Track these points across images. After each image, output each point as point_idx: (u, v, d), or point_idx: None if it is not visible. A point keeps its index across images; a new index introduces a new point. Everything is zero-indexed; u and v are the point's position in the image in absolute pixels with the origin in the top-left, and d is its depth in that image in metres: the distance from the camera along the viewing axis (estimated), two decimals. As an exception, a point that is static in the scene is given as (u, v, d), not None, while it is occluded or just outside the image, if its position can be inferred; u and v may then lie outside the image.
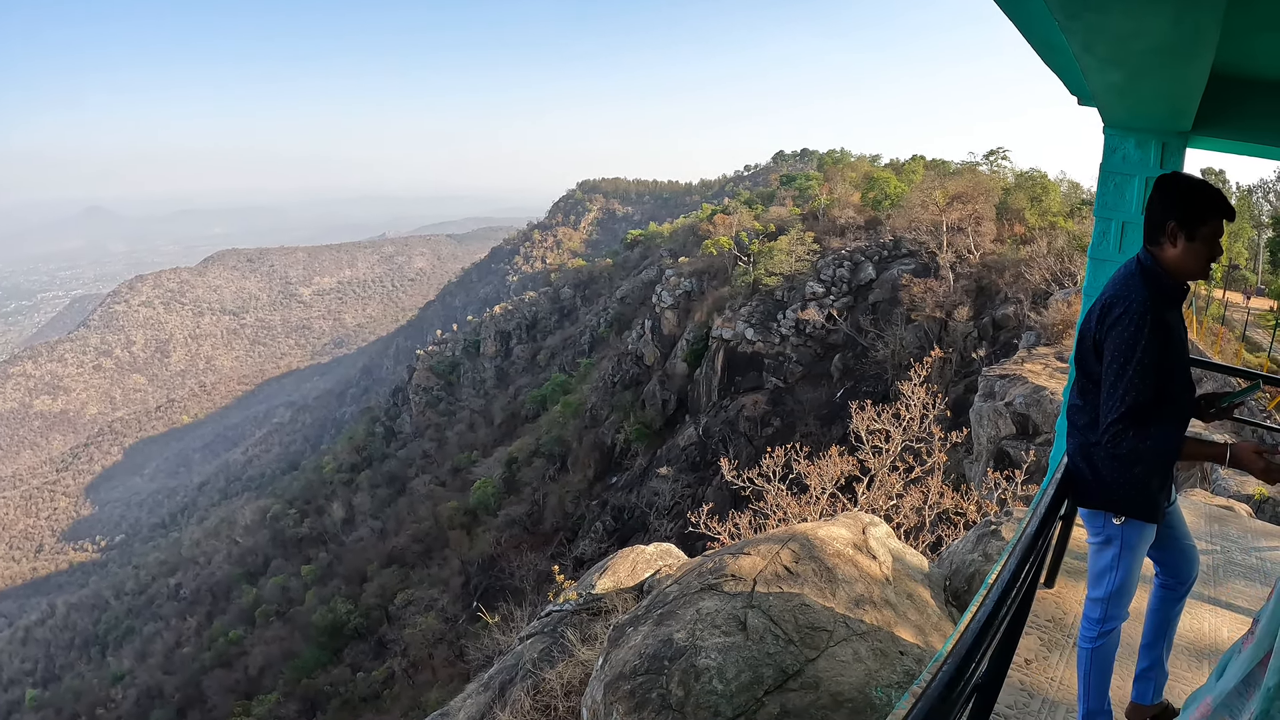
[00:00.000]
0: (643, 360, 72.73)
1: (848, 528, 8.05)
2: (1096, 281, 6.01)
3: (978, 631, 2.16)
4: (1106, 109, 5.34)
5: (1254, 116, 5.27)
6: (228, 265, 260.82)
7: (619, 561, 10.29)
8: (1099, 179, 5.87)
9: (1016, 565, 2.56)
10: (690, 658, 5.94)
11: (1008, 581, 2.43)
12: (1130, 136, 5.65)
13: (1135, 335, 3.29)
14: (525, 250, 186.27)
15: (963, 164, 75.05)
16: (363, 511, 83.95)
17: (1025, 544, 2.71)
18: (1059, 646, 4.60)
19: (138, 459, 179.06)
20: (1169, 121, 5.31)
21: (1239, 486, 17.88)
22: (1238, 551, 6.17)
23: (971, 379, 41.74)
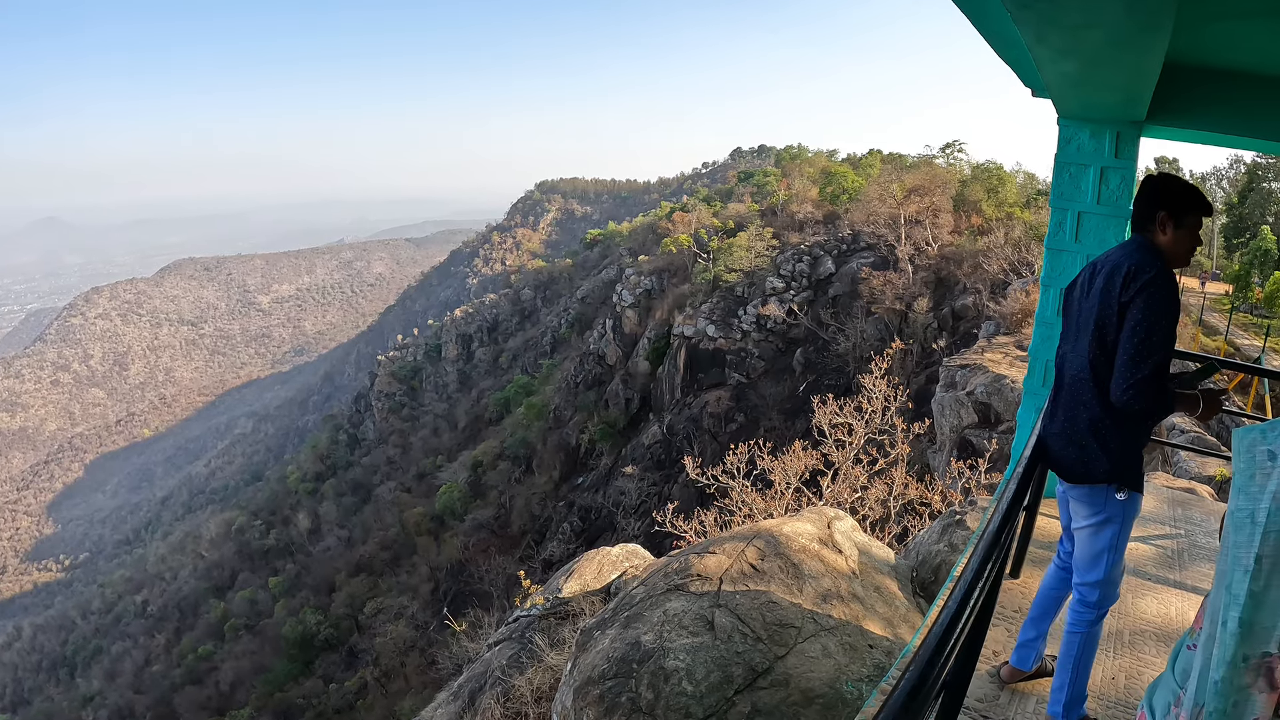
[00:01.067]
0: (605, 360, 72.60)
1: (812, 523, 8.05)
2: (1055, 271, 6.04)
3: (944, 628, 2.14)
4: (1060, 100, 5.36)
5: (1207, 105, 5.31)
6: (185, 275, 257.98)
7: (585, 564, 10.27)
8: (1054, 170, 5.90)
9: (981, 559, 2.55)
10: (659, 660, 5.92)
11: (973, 576, 2.42)
12: (1085, 127, 5.68)
13: (1166, 298, 3.48)
14: (485, 252, 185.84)
15: (919, 157, 75.42)
16: (329, 521, 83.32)
17: (990, 536, 2.70)
18: None
19: (99, 475, 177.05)
20: (1123, 111, 5.34)
21: (1200, 468, 18.05)
22: (1201, 535, 6.20)
23: (933, 370, 41.93)
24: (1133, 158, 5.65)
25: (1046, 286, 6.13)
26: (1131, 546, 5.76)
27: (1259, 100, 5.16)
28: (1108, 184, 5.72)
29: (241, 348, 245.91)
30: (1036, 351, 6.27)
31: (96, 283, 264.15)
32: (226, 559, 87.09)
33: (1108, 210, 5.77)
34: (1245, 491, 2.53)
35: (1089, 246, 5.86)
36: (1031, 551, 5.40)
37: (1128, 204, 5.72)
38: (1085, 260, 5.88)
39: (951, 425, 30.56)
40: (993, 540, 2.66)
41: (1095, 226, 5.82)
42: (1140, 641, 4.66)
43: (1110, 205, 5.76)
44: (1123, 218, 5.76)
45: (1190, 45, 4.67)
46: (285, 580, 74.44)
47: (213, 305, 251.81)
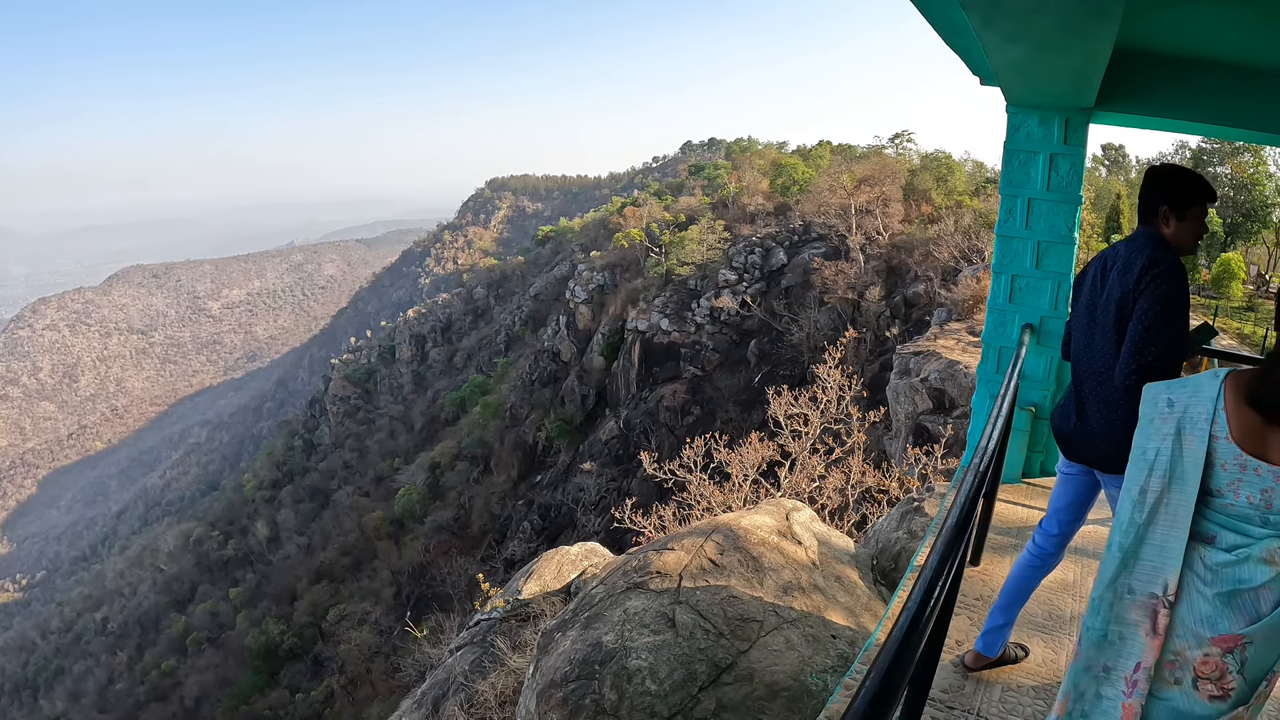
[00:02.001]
0: (559, 357, 72.52)
1: (771, 515, 8.04)
2: (1005, 258, 6.05)
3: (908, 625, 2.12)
4: (1009, 87, 5.36)
5: (1154, 91, 5.34)
6: (133, 282, 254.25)
7: (544, 564, 10.19)
8: (1003, 157, 5.91)
9: (943, 551, 2.52)
10: (621, 660, 5.88)
11: (935, 569, 2.40)
12: (1033, 114, 5.70)
13: (1173, 288, 3.57)
14: (436, 252, 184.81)
15: (869, 147, 75.87)
16: (287, 528, 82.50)
17: (951, 528, 2.67)
18: None
19: (53, 490, 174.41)
20: (1071, 98, 5.36)
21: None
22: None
23: (886, 357, 42.17)
24: (1081, 144, 5.68)
25: (998, 273, 6.14)
26: (1090, 530, 5.76)
27: (1205, 85, 5.21)
28: (1057, 170, 5.74)
29: (193, 355, 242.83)
30: (989, 338, 6.28)
31: (44, 293, 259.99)
32: (185, 571, 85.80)
33: (1058, 196, 5.79)
34: (1144, 432, 2.72)
35: (1039, 232, 5.88)
36: (991, 538, 5.41)
37: (1078, 189, 5.75)
38: (1035, 247, 5.91)
39: (907, 412, 30.76)
40: (954, 532, 2.64)
41: (1045, 213, 5.84)
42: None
43: (1060, 191, 5.78)
44: (1073, 203, 5.78)
45: (1139, 31, 4.68)
46: (246, 591, 73.61)
47: (162, 313, 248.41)
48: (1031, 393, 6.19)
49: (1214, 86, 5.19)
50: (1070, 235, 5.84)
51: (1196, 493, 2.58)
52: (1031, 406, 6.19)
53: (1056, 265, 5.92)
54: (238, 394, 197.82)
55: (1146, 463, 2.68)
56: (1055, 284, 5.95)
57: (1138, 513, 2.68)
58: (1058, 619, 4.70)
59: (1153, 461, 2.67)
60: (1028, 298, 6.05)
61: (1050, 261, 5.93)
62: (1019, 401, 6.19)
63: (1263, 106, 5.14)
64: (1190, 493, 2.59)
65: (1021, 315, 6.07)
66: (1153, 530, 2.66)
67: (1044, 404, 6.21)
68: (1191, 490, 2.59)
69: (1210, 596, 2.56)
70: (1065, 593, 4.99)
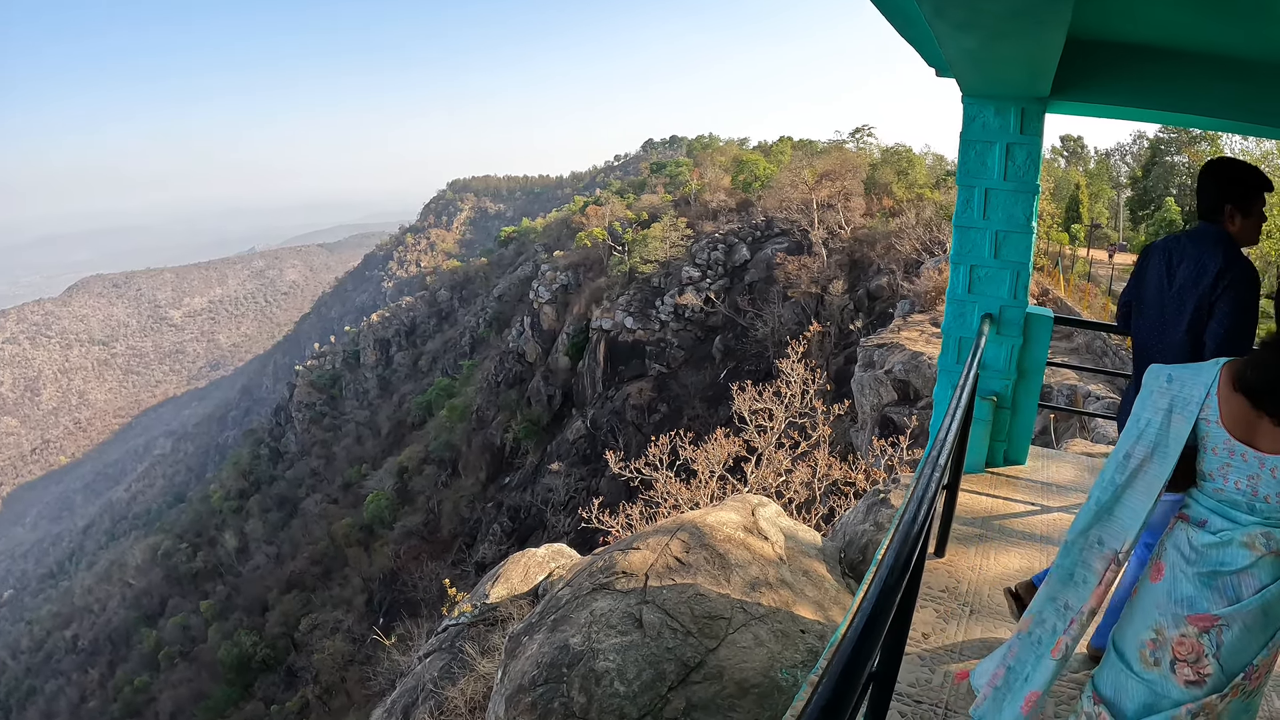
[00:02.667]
0: (525, 357, 72.37)
1: (737, 511, 8.04)
2: (964, 249, 6.04)
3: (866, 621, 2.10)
4: (963, 77, 5.36)
5: (1110, 80, 5.35)
6: (93, 292, 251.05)
7: (511, 567, 10.18)
8: (960, 148, 5.90)
9: (900, 545, 2.50)
10: (589, 662, 5.87)
11: (892, 563, 2.38)
12: (989, 104, 5.69)
13: (1251, 291, 3.66)
14: (399, 255, 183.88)
15: (830, 143, 76.47)
16: (256, 538, 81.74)
17: (909, 520, 2.66)
18: (955, 617, 4.55)
19: (17, 507, 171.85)
20: (1027, 88, 5.35)
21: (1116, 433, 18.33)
22: (1118, 503, 6.25)
23: (851, 350, 42.40)
24: (1038, 133, 5.67)
25: (956, 264, 6.12)
26: (1054, 518, 5.81)
27: (1160, 73, 5.22)
28: (1014, 160, 5.74)
29: (155, 365, 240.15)
30: (949, 329, 6.28)
31: (2, 305, 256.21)
32: (155, 585, 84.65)
33: (1015, 186, 5.78)
34: (1142, 402, 2.85)
35: (997, 222, 5.87)
36: (955, 529, 5.40)
37: (1035, 179, 5.75)
38: (993, 237, 5.91)
39: (872, 404, 30.94)
40: (911, 525, 2.62)
41: (1003, 203, 5.84)
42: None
43: (1017, 180, 5.78)
44: (1030, 192, 5.77)
45: (1092, 19, 4.68)
46: (216, 603, 72.77)
47: (124, 323, 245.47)
48: (993, 382, 6.18)
49: (1169, 74, 5.20)
50: (1028, 225, 5.83)
51: (1173, 468, 2.69)
52: (993, 396, 6.18)
53: (1015, 255, 5.91)
54: (202, 403, 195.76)
55: (1137, 430, 2.81)
56: (1014, 273, 5.94)
57: (1119, 474, 2.83)
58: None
59: (1142, 430, 2.80)
60: (987, 288, 6.03)
61: (1008, 251, 5.91)
62: (980, 391, 6.19)
63: (1218, 93, 5.15)
64: (1167, 466, 2.70)
65: (981, 305, 6.06)
66: (1129, 493, 2.81)
67: (1005, 393, 6.20)
68: (1169, 464, 2.70)
69: (1192, 575, 2.64)
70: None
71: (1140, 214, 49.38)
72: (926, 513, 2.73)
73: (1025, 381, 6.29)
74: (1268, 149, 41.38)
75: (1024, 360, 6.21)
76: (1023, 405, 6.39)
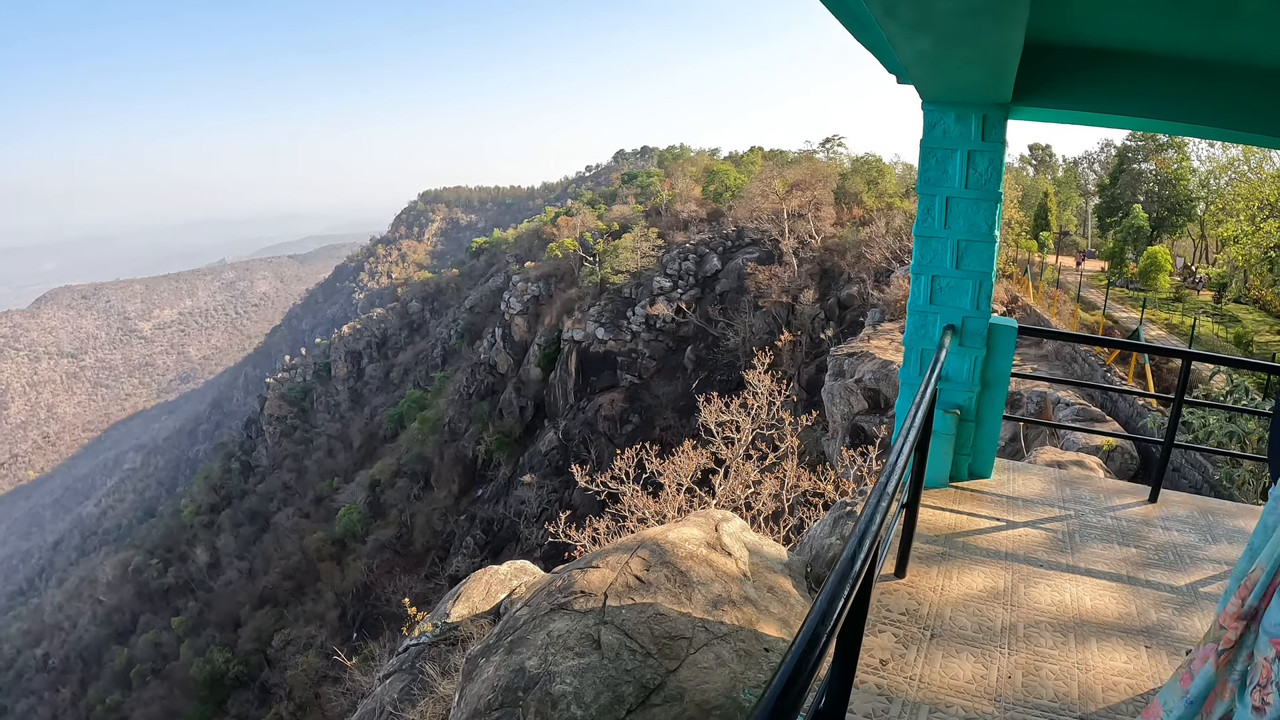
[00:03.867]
0: (496, 369, 72.27)
1: (700, 527, 7.92)
2: (925, 258, 5.94)
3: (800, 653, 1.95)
4: (921, 83, 5.24)
5: (1075, 85, 5.25)
6: (62, 304, 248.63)
7: (473, 585, 10.03)
8: (920, 155, 5.80)
9: (844, 569, 2.38)
10: (545, 685, 5.72)
11: (833, 588, 2.25)
12: (950, 111, 5.59)
13: None
14: (370, 266, 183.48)
15: (800, 152, 76.81)
16: (228, 553, 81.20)
17: (855, 542, 2.53)
18: (915, 642, 4.39)
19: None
20: (987, 93, 5.25)
21: (1087, 440, 18.39)
22: (1091, 514, 6.12)
23: (822, 359, 42.54)
24: (1000, 140, 5.57)
25: (917, 274, 6.01)
26: (1021, 533, 5.68)
27: (1126, 78, 5.13)
28: (975, 167, 5.63)
29: (125, 378, 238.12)
30: (911, 341, 6.15)
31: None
32: (126, 602, 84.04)
33: (977, 194, 5.68)
34: None
35: (959, 231, 5.77)
36: (917, 548, 5.27)
37: (997, 186, 5.65)
38: (955, 246, 5.81)
39: (843, 413, 30.97)
40: (856, 548, 2.49)
41: (964, 211, 5.73)
42: (1036, 634, 4.50)
43: (979, 189, 5.67)
44: (992, 200, 5.67)
45: (1052, 21, 4.59)
46: (188, 619, 72.18)
47: (92, 335, 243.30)
48: (955, 395, 6.07)
49: (1134, 78, 5.10)
50: (990, 233, 5.72)
51: None
52: (956, 409, 6.07)
53: (977, 264, 5.80)
54: (172, 417, 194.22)
55: None
56: (977, 284, 5.83)
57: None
58: (987, 631, 4.52)
59: None
60: (949, 298, 5.92)
61: (971, 261, 5.80)
62: (943, 404, 6.08)
63: (1183, 97, 5.07)
64: None
65: (943, 316, 5.95)
66: None
67: (969, 406, 6.09)
68: None
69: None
70: (996, 601, 4.83)
71: (1108, 221, 49.94)
72: (875, 533, 2.60)
73: (989, 393, 6.18)
74: (1234, 155, 41.93)
75: (988, 372, 6.10)
76: (987, 418, 6.27)
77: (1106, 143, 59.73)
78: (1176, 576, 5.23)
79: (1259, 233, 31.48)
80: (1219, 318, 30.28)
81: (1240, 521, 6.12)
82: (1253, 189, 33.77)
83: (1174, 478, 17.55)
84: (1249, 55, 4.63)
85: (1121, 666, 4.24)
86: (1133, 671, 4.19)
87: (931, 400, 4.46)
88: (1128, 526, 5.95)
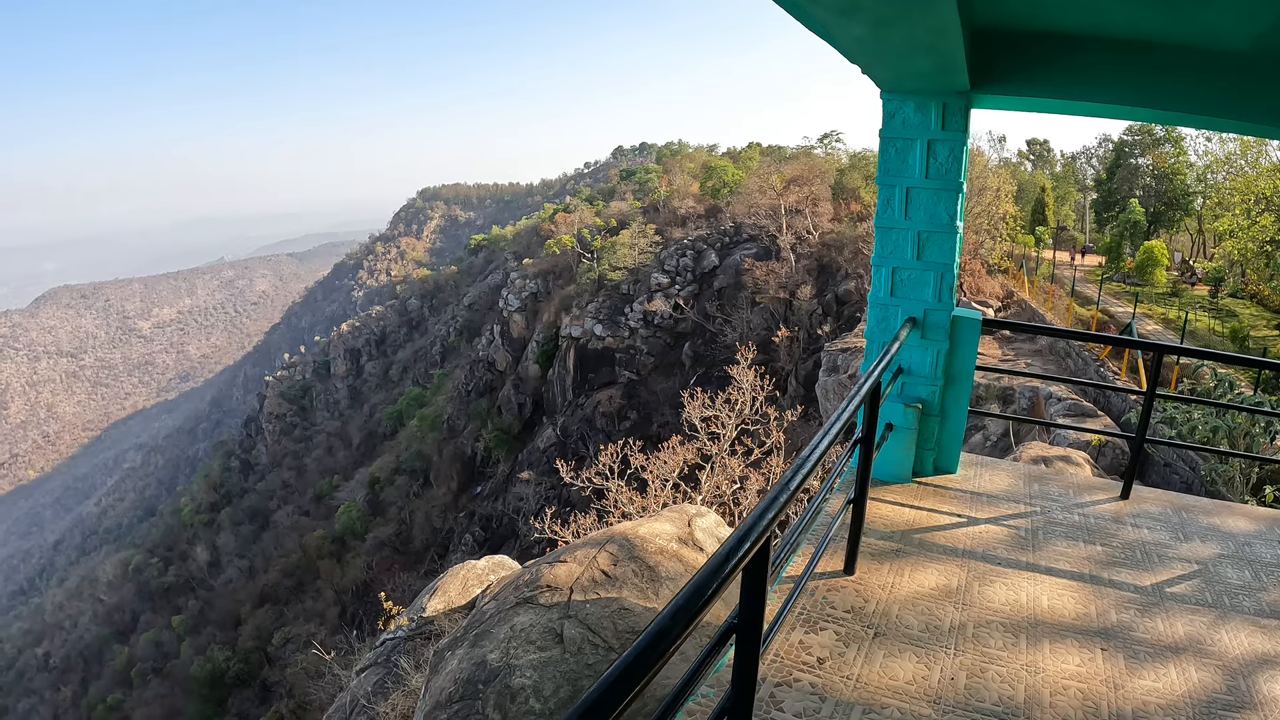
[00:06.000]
0: (495, 366, 72.24)
1: (672, 522, 7.85)
2: (885, 250, 5.84)
3: (634, 658, 1.84)
4: (871, 70, 5.13)
5: (1038, 71, 5.16)
6: (61, 304, 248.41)
7: (449, 580, 9.99)
8: (880, 145, 5.71)
9: (722, 559, 2.28)
10: (504, 678, 5.66)
11: (699, 583, 2.15)
12: (908, 100, 5.50)
13: None
14: (369, 264, 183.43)
15: (798, 148, 76.72)
16: (228, 552, 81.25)
17: (740, 533, 2.44)
18: (857, 640, 4.27)
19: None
20: (942, 81, 5.14)
21: (1078, 435, 18.26)
22: (1058, 510, 5.99)
23: (819, 355, 42.43)
24: (961, 129, 5.46)
25: (878, 266, 5.89)
26: (981, 530, 5.58)
27: (1090, 63, 5.02)
28: (935, 157, 5.53)
29: (124, 377, 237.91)
30: (872, 335, 6.04)
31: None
32: (126, 601, 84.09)
33: (937, 184, 5.57)
34: None
35: (919, 222, 5.66)
36: (871, 544, 5.17)
37: (958, 175, 5.54)
38: (915, 237, 5.71)
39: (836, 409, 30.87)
40: (738, 541, 2.39)
41: (925, 201, 5.63)
42: (986, 634, 4.36)
43: (940, 178, 5.56)
44: (953, 190, 5.57)
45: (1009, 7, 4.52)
46: (189, 618, 72.27)
47: (92, 334, 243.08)
48: (918, 388, 5.96)
49: (1100, 65, 4.99)
50: (952, 224, 5.62)
51: None
52: (918, 403, 5.97)
53: (939, 256, 5.70)
54: (171, 416, 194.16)
55: None
56: (938, 275, 5.73)
57: None
58: (935, 630, 4.40)
59: None
60: (910, 290, 5.82)
61: (932, 252, 5.70)
62: (904, 398, 5.99)
63: (1152, 85, 4.96)
64: None
65: (904, 309, 5.85)
66: None
67: (932, 400, 5.99)
68: None
69: None
70: (947, 600, 4.70)
71: (1105, 215, 49.98)
72: (756, 540, 2.48)
73: (953, 387, 6.08)
74: (1231, 149, 41.82)
75: (951, 365, 6.00)
76: (951, 412, 6.17)
77: (1104, 138, 59.83)
78: (1142, 576, 5.10)
79: (1255, 227, 31.41)
80: (1215, 313, 30.17)
81: (1215, 519, 6.00)
82: (1249, 183, 33.67)
83: (1165, 473, 17.47)
84: (1217, 39, 4.55)
85: (1074, 669, 4.10)
86: (1085, 675, 4.06)
87: (873, 393, 4.37)
88: (1095, 524, 5.83)
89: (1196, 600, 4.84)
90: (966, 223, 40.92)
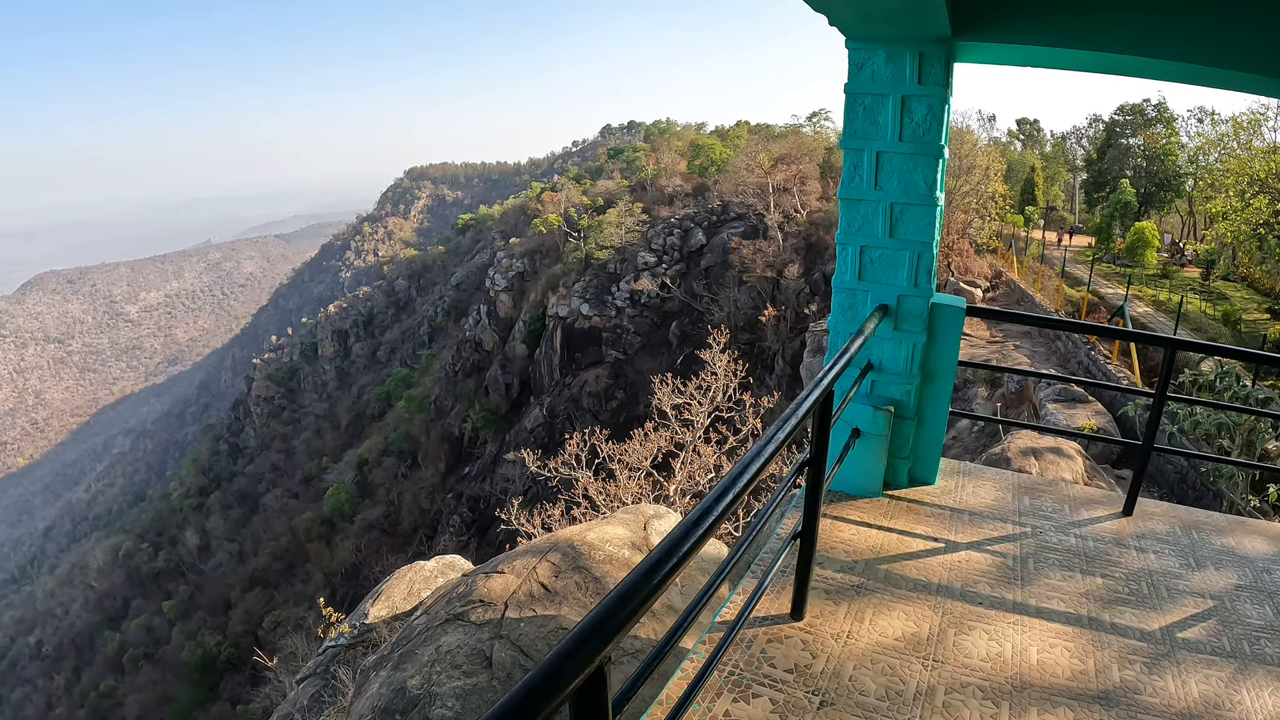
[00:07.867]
0: (482, 346, 72.03)
1: (626, 526, 7.19)
2: (852, 226, 4.98)
3: None
4: (838, 15, 4.31)
5: (1029, 16, 4.32)
6: (47, 289, 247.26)
7: (395, 583, 9.35)
8: (845, 103, 4.88)
9: (584, 633, 1.62)
10: (424, 709, 5.14)
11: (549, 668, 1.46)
12: (879, 49, 4.64)
13: None
14: (356, 244, 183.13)
15: (786, 127, 76.25)
16: (217, 536, 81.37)
17: (621, 592, 1.72)
18: (798, 710, 3.40)
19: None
20: (917, 25, 4.32)
21: (1068, 421, 17.68)
22: (1052, 530, 5.13)
23: (805, 335, 42.12)
24: (940, 83, 4.60)
25: (844, 245, 5.03)
26: (962, 558, 4.72)
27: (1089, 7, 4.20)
28: (911, 116, 4.68)
29: (112, 362, 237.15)
30: (837, 325, 5.17)
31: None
32: (117, 587, 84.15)
33: (913, 148, 4.72)
34: None
35: (892, 193, 4.80)
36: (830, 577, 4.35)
37: (938, 138, 4.68)
38: (888, 210, 4.87)
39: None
40: (613, 607, 1.67)
41: (899, 168, 4.77)
42: (960, 702, 3.50)
43: (916, 141, 4.71)
44: (932, 155, 4.71)
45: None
46: (179, 603, 72.55)
47: (79, 319, 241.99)
48: (890, 388, 5.14)
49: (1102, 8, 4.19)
50: (931, 195, 4.78)
51: None
52: (890, 405, 5.11)
53: (915, 233, 4.85)
54: (160, 400, 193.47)
55: None
56: (914, 255, 4.87)
57: None
58: (896, 698, 3.54)
59: None
60: (881, 273, 4.98)
61: (907, 228, 4.86)
62: (874, 400, 5.17)
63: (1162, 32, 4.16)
64: None
65: (875, 295, 5.01)
66: None
67: (906, 401, 5.16)
68: None
69: None
70: (915, 655, 3.84)
71: (1095, 196, 50.00)
72: (643, 599, 1.74)
73: (932, 386, 5.24)
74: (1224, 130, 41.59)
75: (930, 360, 5.17)
76: (930, 414, 5.33)
77: (1095, 117, 59.71)
78: (1150, 618, 4.22)
79: (1248, 209, 31.06)
80: (1207, 295, 29.83)
81: (1229, 539, 5.15)
82: (1242, 164, 33.39)
83: (1158, 462, 16.80)
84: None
85: (1067, 754, 3.24)
86: (1081, 761, 3.23)
87: (824, 396, 3.46)
88: (1095, 548, 4.95)
89: (1212, 648, 3.98)
90: (955, 202, 40.62)
